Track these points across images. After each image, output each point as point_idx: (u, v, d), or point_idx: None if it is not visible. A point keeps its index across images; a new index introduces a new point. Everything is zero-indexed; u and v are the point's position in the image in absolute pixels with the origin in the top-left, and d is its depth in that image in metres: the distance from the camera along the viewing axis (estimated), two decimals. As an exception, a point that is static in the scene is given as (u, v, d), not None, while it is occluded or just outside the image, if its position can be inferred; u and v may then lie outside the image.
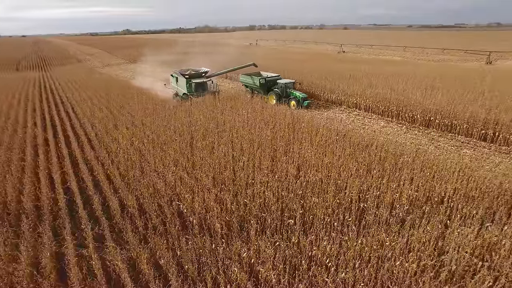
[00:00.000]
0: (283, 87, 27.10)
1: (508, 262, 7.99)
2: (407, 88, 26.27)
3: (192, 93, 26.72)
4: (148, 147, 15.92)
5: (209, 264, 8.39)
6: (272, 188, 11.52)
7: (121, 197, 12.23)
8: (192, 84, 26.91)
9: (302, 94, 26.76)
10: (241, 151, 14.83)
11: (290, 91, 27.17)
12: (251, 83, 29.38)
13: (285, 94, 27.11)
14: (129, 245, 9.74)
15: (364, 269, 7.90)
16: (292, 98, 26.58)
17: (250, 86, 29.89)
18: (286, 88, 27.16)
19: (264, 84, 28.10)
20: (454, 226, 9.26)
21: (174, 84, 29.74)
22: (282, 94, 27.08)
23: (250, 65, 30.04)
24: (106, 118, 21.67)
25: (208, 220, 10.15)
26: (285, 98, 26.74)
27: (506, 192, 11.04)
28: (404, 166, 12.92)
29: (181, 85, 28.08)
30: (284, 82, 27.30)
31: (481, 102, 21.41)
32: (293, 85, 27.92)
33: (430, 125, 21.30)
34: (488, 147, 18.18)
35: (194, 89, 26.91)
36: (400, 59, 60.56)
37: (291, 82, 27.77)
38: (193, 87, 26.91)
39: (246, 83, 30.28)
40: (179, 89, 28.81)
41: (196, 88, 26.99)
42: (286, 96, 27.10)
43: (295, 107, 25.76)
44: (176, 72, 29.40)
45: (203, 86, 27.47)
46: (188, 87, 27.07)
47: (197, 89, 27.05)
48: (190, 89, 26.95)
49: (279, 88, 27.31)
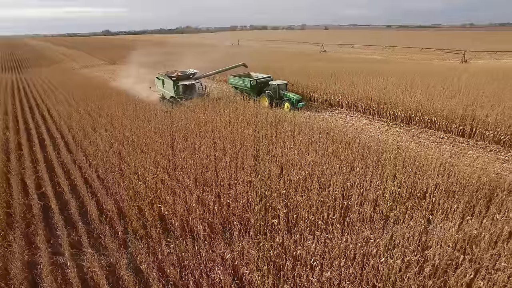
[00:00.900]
0: (275, 89, 25.96)
1: (488, 254, 8.09)
2: (387, 86, 26.65)
3: (180, 96, 25.42)
4: (128, 149, 15.47)
5: (192, 267, 8.13)
6: (255, 188, 11.34)
7: (100, 201, 11.80)
8: (179, 86, 25.51)
9: (297, 96, 25.63)
10: (223, 151, 14.60)
11: (283, 93, 26.08)
12: (242, 85, 28.08)
13: (278, 96, 26.02)
14: (108, 250, 9.37)
15: (349, 267, 7.82)
16: (286, 100, 25.45)
17: (240, 88, 28.65)
18: (279, 90, 26.03)
19: (255, 85, 26.99)
20: (436, 221, 9.36)
21: (160, 87, 28.15)
22: (275, 96, 25.94)
23: (240, 65, 28.64)
24: (84, 120, 20.98)
25: (190, 222, 9.88)
26: (278, 100, 25.71)
27: (484, 186, 11.24)
28: (387, 163, 12.99)
29: (168, 88, 26.56)
30: (276, 84, 26.14)
31: (458, 99, 21.92)
32: (286, 87, 26.72)
33: (411, 122, 21.66)
34: (466, 142, 18.62)
35: (182, 91, 25.56)
36: (380, 58, 61.68)
37: (283, 83, 26.60)
38: (180, 89, 25.53)
39: (236, 85, 28.99)
40: (166, 92, 27.30)
41: (184, 91, 25.66)
42: (279, 98, 26.01)
43: (289, 109, 24.58)
44: (162, 74, 27.89)
45: (191, 88, 26.14)
46: (175, 90, 25.56)
47: (185, 91, 25.74)
48: (178, 91, 25.53)
49: (272, 90, 26.16)
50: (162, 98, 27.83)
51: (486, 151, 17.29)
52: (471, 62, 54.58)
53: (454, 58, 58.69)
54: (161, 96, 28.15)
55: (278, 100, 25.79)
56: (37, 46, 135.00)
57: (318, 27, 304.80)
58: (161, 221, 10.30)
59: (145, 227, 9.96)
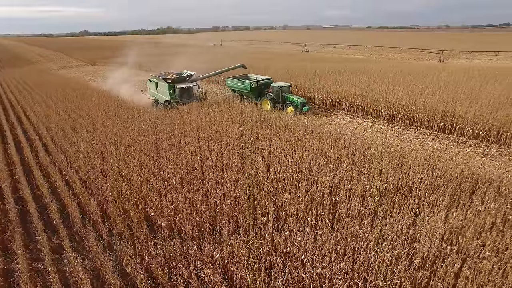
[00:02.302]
0: (278, 91, 24.41)
1: (473, 244, 8.26)
2: (370, 84, 27.05)
3: (176, 100, 23.55)
4: (111, 149, 15.02)
5: (180, 268, 7.91)
6: (242, 186, 11.22)
7: (82, 203, 11.37)
8: (176, 89, 23.56)
9: (301, 99, 24.05)
10: (209, 150, 14.40)
11: (286, 96, 24.42)
12: (241, 87, 26.39)
13: (281, 99, 24.47)
14: (92, 254, 9.02)
15: (340, 262, 7.80)
16: (290, 104, 23.89)
17: (239, 90, 26.98)
18: (282, 92, 24.45)
19: (255, 88, 25.52)
20: (423, 214, 9.49)
21: (153, 91, 26.09)
22: (278, 99, 24.40)
23: (239, 66, 27.41)
24: (63, 121, 20.28)
25: (177, 222, 9.65)
26: (280, 104, 24.17)
27: (466, 179, 11.52)
28: (373, 158, 13.13)
29: (163, 91, 24.69)
30: (279, 86, 24.61)
31: (438, 96, 22.48)
32: (289, 89, 25.12)
33: (394, 119, 22.05)
34: (447, 138, 19.11)
35: (178, 95, 23.68)
36: (362, 57, 62.71)
37: (286, 86, 25.00)
38: (177, 93, 23.62)
39: (235, 87, 27.32)
40: (160, 96, 25.30)
41: (180, 94, 23.77)
42: (282, 101, 24.43)
43: (293, 113, 23.23)
44: (155, 76, 25.94)
45: (188, 91, 24.30)
46: (171, 94, 23.67)
47: (182, 95, 23.85)
48: (174, 95, 23.62)
49: (274, 92, 24.64)
50: (155, 103, 25.96)
51: (466, 146, 17.79)
52: (449, 61, 56.25)
53: (433, 58, 60.36)
54: (154, 100, 26.28)
55: (280, 103, 24.28)
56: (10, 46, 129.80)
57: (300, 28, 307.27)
58: (147, 222, 10.02)
59: (130, 228, 9.67)
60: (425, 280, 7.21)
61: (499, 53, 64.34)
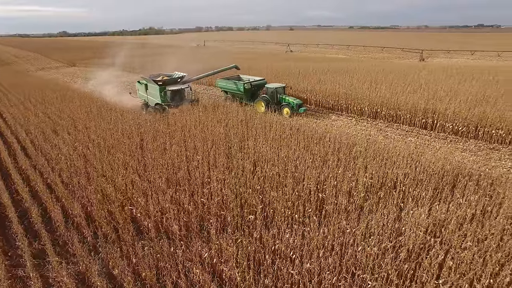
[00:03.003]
0: (273, 92, 23.66)
1: (455, 235, 8.51)
2: (353, 83, 27.47)
3: (167, 102, 22.54)
4: (94, 151, 14.70)
5: (169, 268, 7.82)
6: (229, 185, 11.19)
7: (65, 206, 11.09)
8: (167, 92, 22.51)
9: (297, 100, 23.37)
10: (195, 150, 14.31)
11: (281, 97, 23.77)
12: (234, 89, 25.54)
13: (276, 101, 23.75)
14: (76, 257, 8.81)
15: (328, 257, 7.88)
16: (285, 105, 23.24)
17: (231, 92, 26.19)
18: (277, 94, 23.72)
19: (249, 89, 24.78)
20: (408, 208, 9.70)
21: (143, 93, 24.85)
22: (272, 101, 23.67)
23: (232, 67, 26.65)
24: (43, 124, 19.71)
25: (164, 222, 9.54)
26: (275, 105, 23.45)
27: (448, 173, 11.85)
28: (358, 155, 13.32)
29: (153, 94, 23.49)
30: (274, 87, 23.86)
31: (420, 94, 23.05)
32: (283, 90, 24.40)
33: (377, 116, 22.48)
34: (429, 134, 19.62)
35: (170, 98, 22.61)
36: (344, 57, 63.63)
37: (281, 87, 24.28)
38: (168, 95, 22.56)
39: (226, 88, 26.52)
40: (150, 99, 24.12)
41: (172, 97, 22.73)
42: (277, 102, 23.75)
43: (288, 115, 22.65)
44: (145, 78, 24.66)
45: (180, 93, 23.26)
46: (162, 96, 22.56)
47: (174, 97, 22.84)
48: (165, 98, 22.54)
49: (268, 94, 23.85)
50: (145, 106, 24.78)
51: (446, 142, 18.31)
52: (428, 60, 57.72)
53: (413, 57, 61.82)
54: (144, 103, 25.10)
55: (275, 105, 23.54)
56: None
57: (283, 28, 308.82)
58: (134, 223, 9.86)
59: (116, 230, 9.49)
60: (411, 272, 7.36)
61: (474, 53, 66.52)
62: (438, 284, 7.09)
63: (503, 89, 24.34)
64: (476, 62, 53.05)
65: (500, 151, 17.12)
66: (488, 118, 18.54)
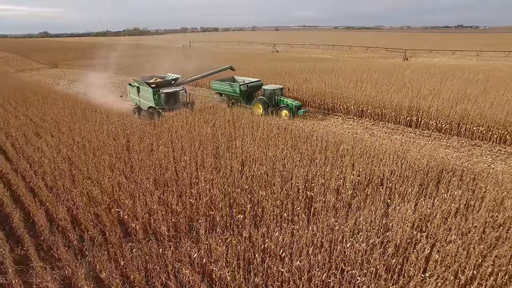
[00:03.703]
0: (271, 94, 23.04)
1: (440, 229, 8.70)
2: (339, 82, 27.77)
3: (161, 106, 21.55)
4: (79, 153, 14.40)
5: (158, 270, 7.73)
6: (217, 185, 11.15)
7: (49, 210, 10.81)
8: (161, 95, 21.50)
9: (296, 102, 22.89)
10: (182, 151, 14.20)
11: (279, 99, 23.24)
12: (229, 91, 24.83)
13: (274, 103, 23.22)
14: (62, 262, 8.60)
15: (318, 254, 7.94)
16: (284, 107, 22.70)
17: (227, 94, 25.42)
18: (274, 95, 23.20)
19: (245, 91, 24.17)
20: (394, 204, 9.86)
21: (135, 96, 23.77)
22: (270, 103, 23.07)
23: (227, 68, 26.03)
24: (25, 126, 19.17)
25: (152, 224, 9.42)
26: (273, 108, 22.93)
27: (432, 169, 12.12)
28: (345, 153, 13.48)
29: (146, 97, 22.49)
30: (271, 88, 23.25)
31: (404, 92, 23.49)
32: (281, 91, 23.89)
33: (363, 115, 22.80)
34: (414, 132, 20.04)
35: (164, 101, 21.63)
36: (330, 57, 64.29)
37: (279, 88, 23.75)
38: (162, 98, 21.56)
39: (221, 90, 25.63)
40: (142, 102, 23.08)
41: (166, 100, 21.75)
42: (275, 105, 23.24)
43: (287, 117, 22.12)
44: (137, 80, 23.70)
45: (175, 96, 22.28)
46: (156, 99, 21.53)
47: (168, 100, 21.84)
48: (159, 101, 21.50)
49: (266, 96, 23.26)
50: (137, 109, 23.72)
51: (431, 139, 18.72)
52: (412, 60, 58.91)
53: (397, 56, 62.97)
54: (136, 106, 24.01)
55: (273, 107, 23.04)
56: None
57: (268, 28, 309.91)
58: (121, 225, 9.70)
59: (103, 233, 9.31)
60: (398, 266, 7.49)
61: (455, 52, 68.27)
62: (425, 277, 7.23)
63: (482, 87, 25.08)
64: (457, 61, 54.45)
65: (481, 147, 17.63)
66: (470, 116, 19.06)
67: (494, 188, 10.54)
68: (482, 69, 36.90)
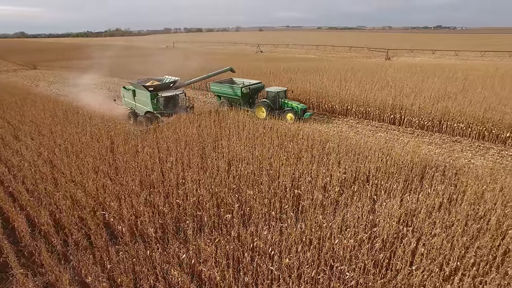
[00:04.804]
0: (274, 97, 22.20)
1: (425, 223, 8.90)
2: (324, 81, 28.04)
3: (160, 111, 20.22)
4: (61, 156, 14.01)
5: (146, 272, 7.59)
6: (204, 185, 11.07)
7: (30, 215, 10.46)
8: (160, 99, 20.11)
9: (301, 105, 22.06)
10: (168, 152, 14.05)
11: (283, 101, 22.46)
12: (230, 93, 23.68)
13: (278, 106, 22.42)
14: (44, 268, 8.34)
15: (307, 251, 7.98)
16: (289, 110, 21.86)
17: (227, 96, 24.22)
18: (278, 98, 22.38)
19: (247, 93, 23.11)
20: (381, 200, 10.02)
21: (130, 100, 22.32)
22: (274, 106, 22.25)
23: (227, 70, 24.72)
24: (2, 129, 18.52)
25: (139, 225, 9.25)
26: (277, 111, 22.14)
27: (416, 165, 12.39)
28: (331, 151, 13.61)
29: (143, 101, 21.10)
30: (275, 91, 22.35)
31: (387, 91, 23.92)
32: (285, 94, 22.94)
33: (348, 113, 23.07)
34: (397, 129, 20.46)
35: (163, 105, 20.22)
36: (314, 57, 64.85)
37: (282, 90, 22.78)
38: (161, 102, 20.14)
39: (221, 93, 24.52)
40: (138, 106, 21.63)
41: (165, 104, 20.33)
42: (279, 107, 22.45)
43: (292, 120, 21.19)
44: (132, 83, 22.10)
45: (174, 100, 20.76)
46: (154, 103, 20.17)
47: (167, 105, 20.41)
48: (157, 105, 20.17)
49: (269, 98, 22.37)
50: (132, 114, 22.14)
51: (414, 136, 19.14)
52: (394, 59, 60.08)
53: (379, 56, 64.12)
54: (131, 111, 22.46)
55: (277, 110, 22.24)
56: None
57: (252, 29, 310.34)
58: (107, 228, 9.48)
59: (88, 236, 9.09)
60: (386, 261, 7.61)
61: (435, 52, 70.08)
62: (411, 270, 7.37)
63: (461, 86, 25.83)
64: (437, 61, 55.89)
65: (462, 143, 18.16)
66: (450, 113, 19.59)
67: (474, 182, 10.85)
68: (461, 68, 38.00)
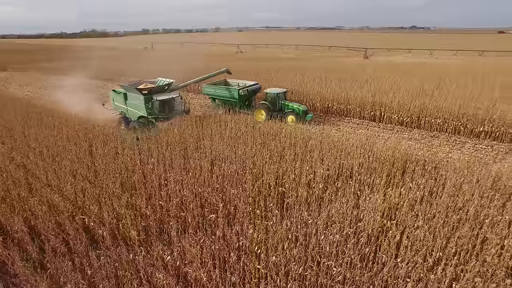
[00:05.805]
0: (275, 99, 21.42)
1: (408, 216, 9.05)
2: (304, 80, 28.24)
3: (155, 115, 18.67)
4: (36, 160, 13.42)
5: (129, 276, 7.34)
6: (188, 185, 10.87)
7: (2, 222, 9.94)
8: (155, 102, 18.50)
9: (302, 106, 21.30)
10: (149, 152, 13.73)
11: (283, 103, 21.70)
12: (226, 95, 22.59)
13: (278, 108, 21.66)
14: (18, 278, 7.93)
15: (293, 248, 7.94)
16: (290, 112, 21.07)
17: (222, 98, 23.10)
18: (278, 100, 21.66)
19: (245, 96, 22.09)
20: (364, 195, 10.12)
21: (121, 104, 20.43)
22: (274, 108, 21.44)
23: (223, 71, 23.05)
24: (-31, 135, 17.58)
25: (121, 229, 8.96)
26: (277, 113, 21.27)
27: (397, 160, 12.62)
28: (314, 148, 13.67)
29: (135, 105, 19.34)
30: (275, 92, 21.53)
31: (367, 89, 24.35)
32: (285, 95, 22.20)
33: (329, 111, 23.31)
34: (378, 126, 20.85)
35: (158, 109, 18.68)
36: (294, 56, 65.29)
37: (282, 92, 21.98)
38: (156, 106, 18.55)
39: (216, 95, 23.42)
40: (130, 111, 19.84)
41: (161, 108, 18.87)
42: (279, 109, 21.66)
43: (294, 123, 20.25)
44: (124, 86, 20.50)
45: (170, 104, 19.39)
46: (148, 108, 18.51)
47: (163, 109, 18.99)
48: (152, 110, 18.51)
49: (269, 100, 21.53)
50: (123, 120, 20.37)
51: (394, 132, 19.55)
52: (372, 58, 61.30)
53: (358, 55, 65.24)
54: (122, 116, 20.66)
55: (277, 112, 21.38)
56: None
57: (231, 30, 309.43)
58: (87, 233, 9.12)
59: (67, 242, 8.72)
60: (372, 254, 7.67)
61: (411, 51, 72.08)
62: (397, 262, 7.46)
63: (437, 83, 26.63)
64: (413, 60, 57.38)
65: (440, 138, 18.69)
66: (428, 109, 20.15)
67: (453, 175, 11.16)
68: (436, 66, 39.21)
